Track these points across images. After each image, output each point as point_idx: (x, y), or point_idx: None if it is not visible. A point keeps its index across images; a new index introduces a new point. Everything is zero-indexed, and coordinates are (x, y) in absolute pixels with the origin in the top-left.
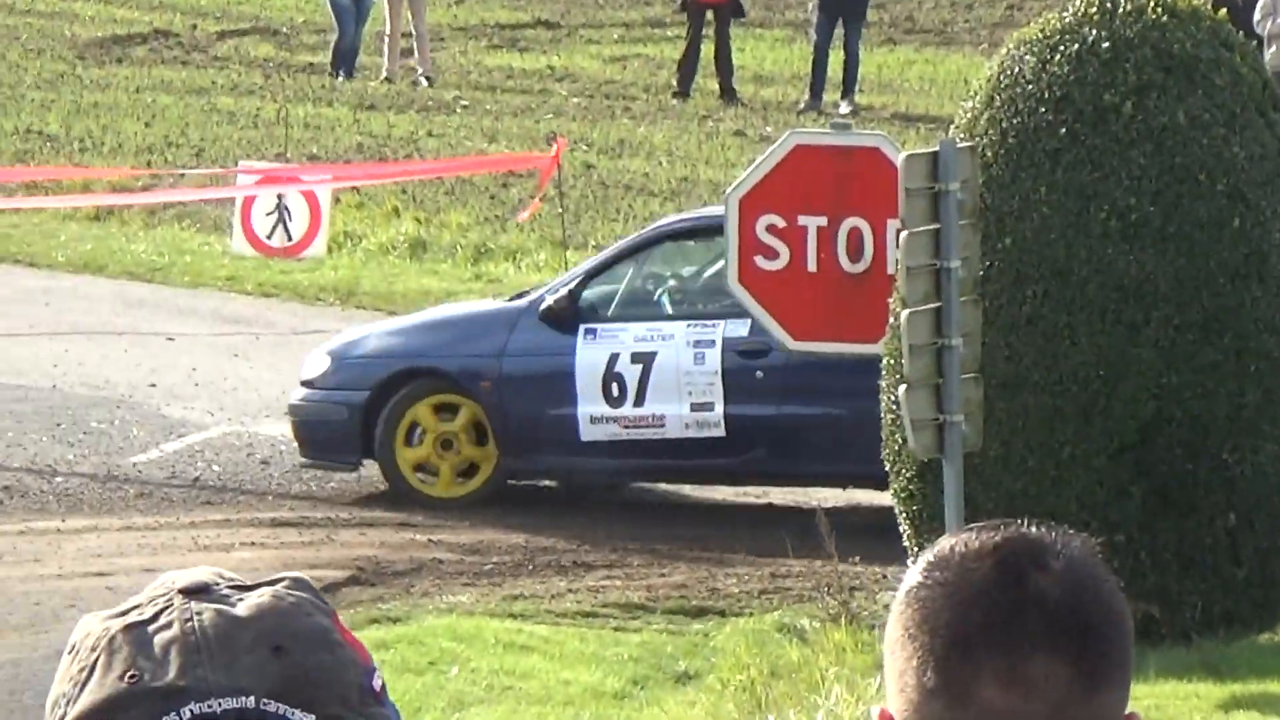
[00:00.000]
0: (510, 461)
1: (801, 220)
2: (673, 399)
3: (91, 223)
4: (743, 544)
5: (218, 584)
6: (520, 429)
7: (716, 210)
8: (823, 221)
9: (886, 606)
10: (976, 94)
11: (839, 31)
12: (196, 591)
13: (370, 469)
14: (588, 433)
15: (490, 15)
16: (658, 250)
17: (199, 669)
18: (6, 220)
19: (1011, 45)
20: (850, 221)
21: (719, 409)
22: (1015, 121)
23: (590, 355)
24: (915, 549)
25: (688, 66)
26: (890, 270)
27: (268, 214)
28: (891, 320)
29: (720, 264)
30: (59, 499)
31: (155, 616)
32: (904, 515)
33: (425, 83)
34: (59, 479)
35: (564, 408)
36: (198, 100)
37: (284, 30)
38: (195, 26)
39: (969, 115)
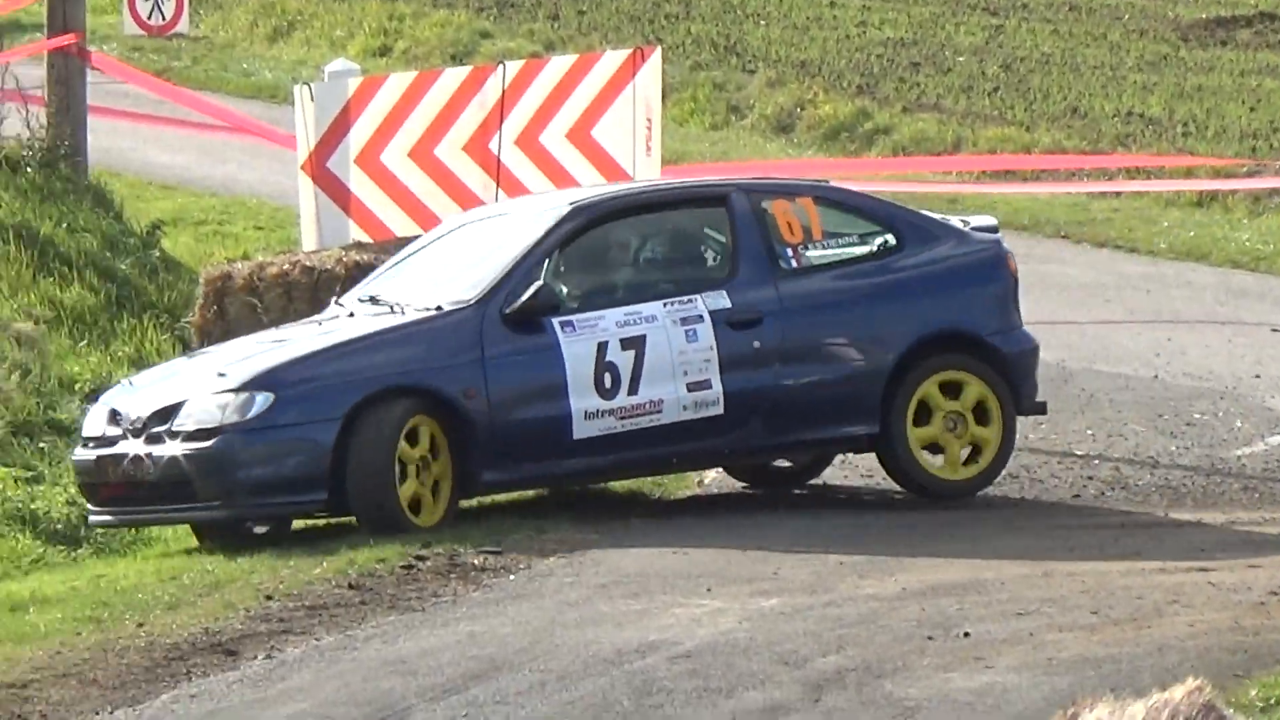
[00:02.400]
0: (492, 475)
1: None
2: (667, 381)
3: (1194, 209)
4: None
5: None
6: (507, 437)
7: (624, 187)
8: None
9: None
10: None
11: None
12: None
13: None
14: (581, 430)
15: None
16: (588, 235)
17: None
18: (1107, 205)
19: None
20: None
21: (717, 386)
22: None
23: (577, 348)
24: None
25: None
26: None
27: None
28: None
29: (659, 239)
30: (1161, 491)
31: None
32: None
33: None
34: (1160, 470)
35: (555, 408)
36: None
37: None
38: None
39: None
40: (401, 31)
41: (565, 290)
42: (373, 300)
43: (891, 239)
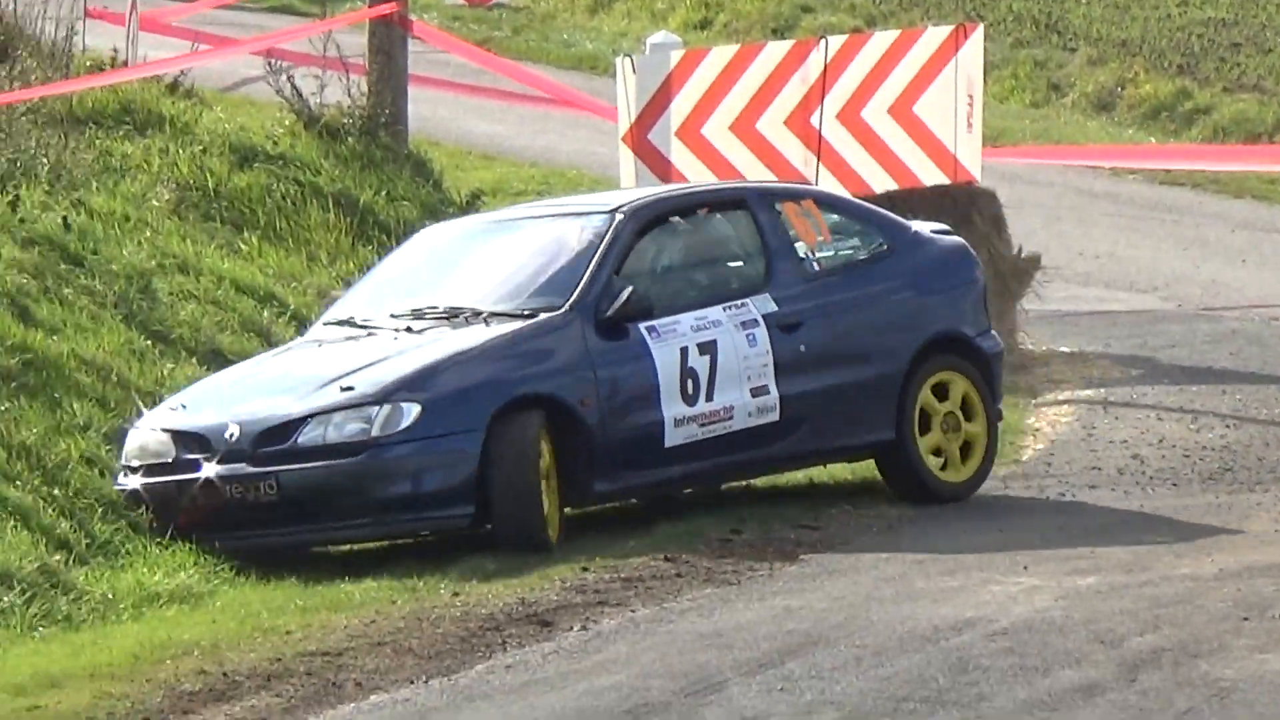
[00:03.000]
0: (602, 485)
1: None
2: (735, 387)
3: None
4: None
5: None
6: (614, 446)
7: (655, 191)
8: None
9: None
10: None
11: None
12: None
13: None
14: (672, 437)
15: None
16: (646, 237)
17: None
18: None
19: None
20: None
21: (774, 391)
22: None
23: (665, 354)
24: None
25: None
26: None
27: None
28: None
29: (695, 243)
30: None
31: None
32: None
33: None
34: None
35: (651, 415)
36: None
37: None
38: None
39: None
40: (722, 4)
41: (658, 289)
42: (418, 314)
43: (884, 242)
